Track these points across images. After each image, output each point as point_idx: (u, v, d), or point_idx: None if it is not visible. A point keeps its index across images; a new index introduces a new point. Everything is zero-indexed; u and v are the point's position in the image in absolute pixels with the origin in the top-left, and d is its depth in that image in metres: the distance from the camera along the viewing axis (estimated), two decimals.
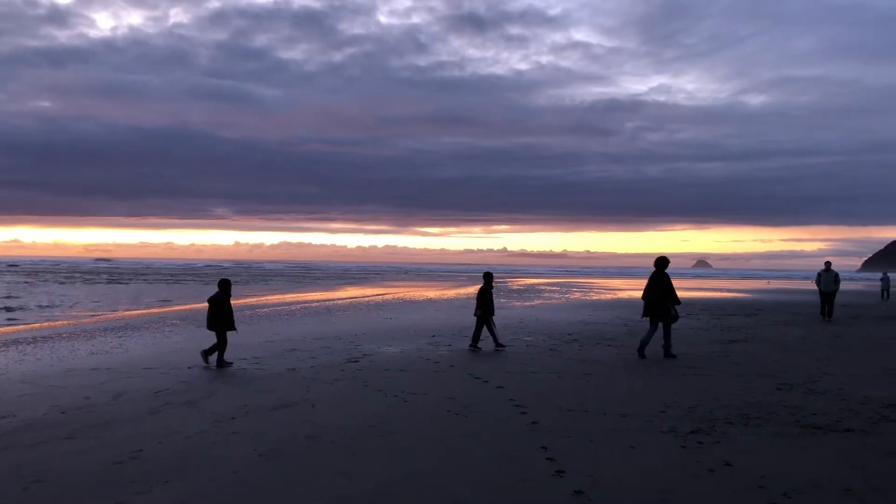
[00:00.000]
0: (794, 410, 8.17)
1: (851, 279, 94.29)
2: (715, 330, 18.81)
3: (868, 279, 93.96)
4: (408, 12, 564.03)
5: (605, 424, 7.56)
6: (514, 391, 9.54)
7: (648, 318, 13.44)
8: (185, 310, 28.54)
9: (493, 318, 14.80)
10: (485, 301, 14.63)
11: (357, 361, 12.47)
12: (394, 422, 7.78)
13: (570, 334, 17.09)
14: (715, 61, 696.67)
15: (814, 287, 37.03)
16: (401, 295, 40.74)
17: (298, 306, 29.28)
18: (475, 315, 14.72)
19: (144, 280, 67.33)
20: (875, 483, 5.56)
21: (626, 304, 32.34)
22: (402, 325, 20.20)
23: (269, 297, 38.65)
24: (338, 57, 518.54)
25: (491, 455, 6.41)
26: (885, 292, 36.65)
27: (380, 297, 38.45)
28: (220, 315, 12.06)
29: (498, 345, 14.34)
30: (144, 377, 10.92)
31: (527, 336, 16.76)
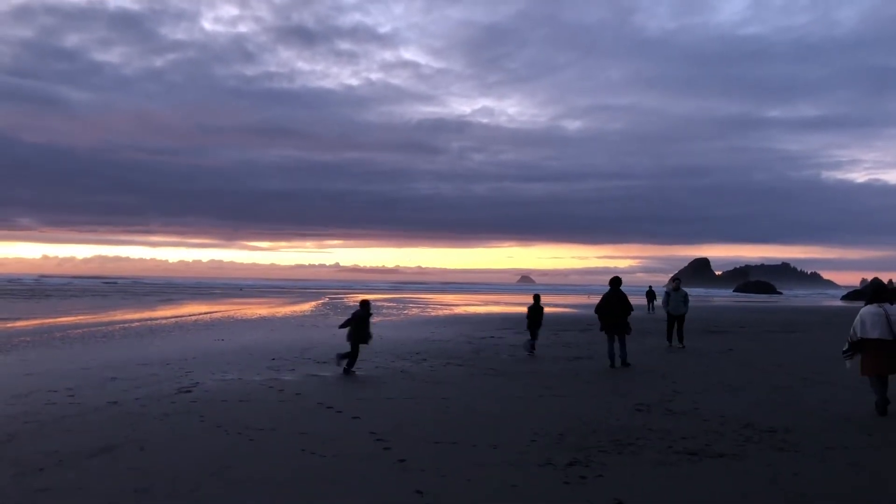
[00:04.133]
0: (663, 434, 8.00)
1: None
2: (556, 346, 18.96)
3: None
4: (234, 21, 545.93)
5: (478, 459, 6.97)
6: (373, 422, 8.77)
7: (605, 333, 14.77)
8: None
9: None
10: None
11: (190, 391, 11.18)
12: (240, 466, 6.75)
13: (417, 353, 16.54)
14: (535, 87, 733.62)
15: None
16: (231, 313, 38.54)
17: (117, 326, 26.70)
18: None
19: None
20: None
21: (465, 320, 32.43)
22: (236, 347, 18.77)
23: (82, 317, 35.17)
24: (158, 62, 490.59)
25: None
26: (651, 305, 39.75)
27: (208, 315, 36.15)
28: (358, 330, 13.69)
29: None
30: None
31: (374, 356, 16.00)
